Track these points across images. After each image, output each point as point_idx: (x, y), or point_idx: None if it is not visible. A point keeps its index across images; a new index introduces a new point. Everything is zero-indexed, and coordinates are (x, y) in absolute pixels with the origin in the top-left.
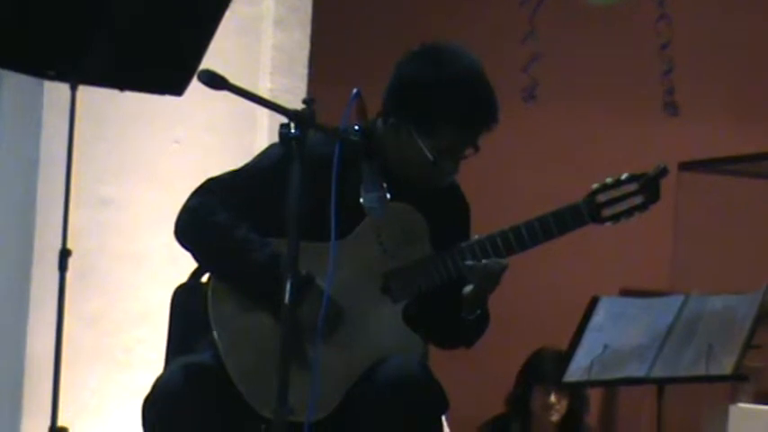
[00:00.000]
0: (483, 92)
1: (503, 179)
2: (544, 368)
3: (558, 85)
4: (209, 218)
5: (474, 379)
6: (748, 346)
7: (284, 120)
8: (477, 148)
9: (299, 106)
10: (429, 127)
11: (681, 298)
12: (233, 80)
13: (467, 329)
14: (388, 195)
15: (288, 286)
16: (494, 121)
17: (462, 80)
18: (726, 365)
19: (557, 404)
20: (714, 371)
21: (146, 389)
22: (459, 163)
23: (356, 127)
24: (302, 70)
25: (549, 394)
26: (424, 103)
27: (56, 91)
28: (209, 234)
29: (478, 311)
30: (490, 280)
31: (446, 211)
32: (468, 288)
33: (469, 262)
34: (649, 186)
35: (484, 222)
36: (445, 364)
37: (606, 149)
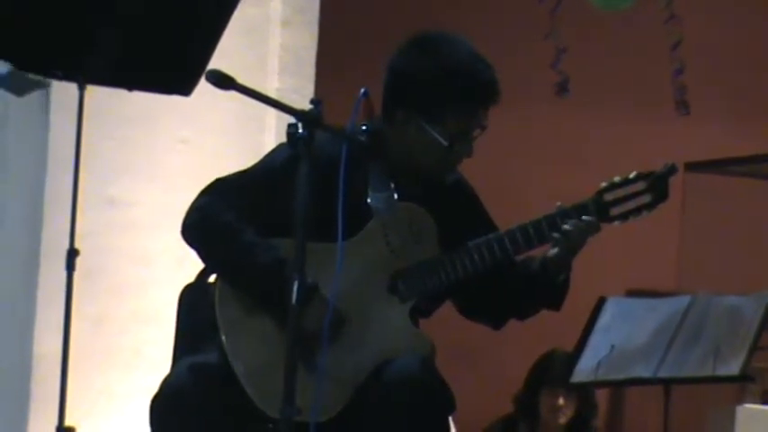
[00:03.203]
0: (485, 71)
1: (512, 177)
2: (553, 370)
3: (570, 85)
4: (216, 218)
5: (481, 379)
6: (756, 346)
7: (291, 120)
8: (484, 127)
9: (307, 106)
10: (438, 115)
11: (688, 298)
12: (240, 80)
13: (556, 291)
14: (396, 195)
15: (295, 287)
16: (498, 97)
17: (463, 63)
18: (733, 366)
19: (564, 407)
20: (721, 371)
21: (153, 389)
22: (473, 144)
23: (363, 127)
24: (309, 70)
25: (557, 397)
26: (430, 93)
27: (63, 91)
28: (215, 235)
29: (566, 274)
30: (581, 243)
31: (454, 207)
32: (554, 251)
33: (566, 226)
34: (658, 185)
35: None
36: (452, 365)
37: (616, 148)
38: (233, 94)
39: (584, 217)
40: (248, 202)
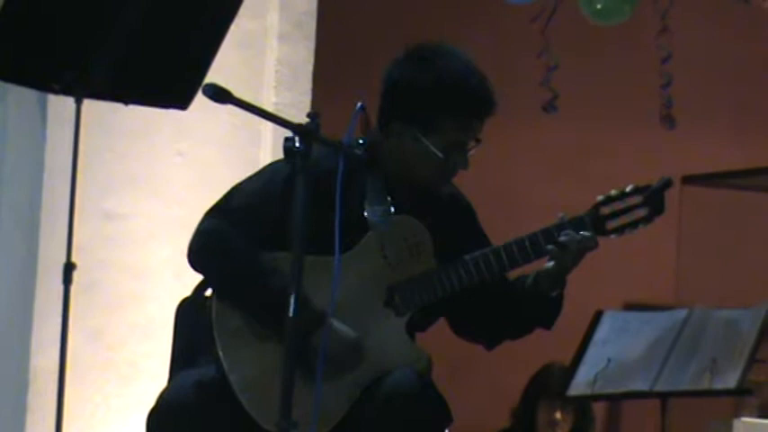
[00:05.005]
0: (480, 83)
1: (509, 191)
2: (550, 384)
3: (564, 99)
4: (223, 243)
5: (478, 393)
6: (752, 360)
7: (288, 134)
8: (479, 140)
9: (303, 120)
10: (433, 126)
11: (684, 312)
12: (237, 94)
13: (548, 307)
14: (392, 209)
15: (292, 300)
16: (494, 109)
17: (458, 75)
18: (730, 379)
19: (562, 420)
20: (718, 385)
21: (150, 402)
22: (468, 156)
23: (360, 140)
24: (306, 84)
25: (554, 410)
26: (426, 105)
27: (60, 104)
28: (223, 260)
29: (559, 290)
30: (579, 256)
31: (450, 221)
32: (550, 265)
33: (563, 239)
34: (654, 199)
35: (489, 235)
36: (449, 378)
37: (612, 162)
38: (230, 107)
39: (581, 232)
40: (253, 220)
